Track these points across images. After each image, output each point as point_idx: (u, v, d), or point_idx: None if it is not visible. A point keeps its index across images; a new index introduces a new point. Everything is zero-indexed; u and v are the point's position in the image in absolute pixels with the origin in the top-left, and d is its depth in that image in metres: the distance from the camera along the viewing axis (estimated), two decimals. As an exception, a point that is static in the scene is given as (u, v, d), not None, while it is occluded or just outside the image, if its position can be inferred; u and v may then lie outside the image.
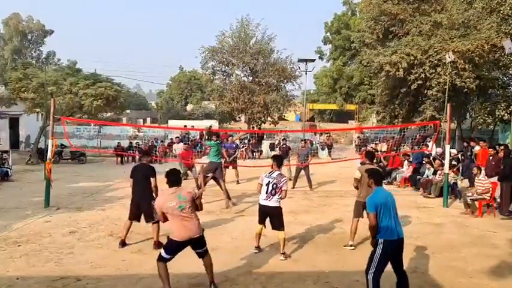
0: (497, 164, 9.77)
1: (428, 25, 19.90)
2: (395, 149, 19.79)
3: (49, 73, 21.61)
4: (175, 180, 5.01)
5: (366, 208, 4.71)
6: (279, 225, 6.21)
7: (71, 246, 6.77)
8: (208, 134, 11.30)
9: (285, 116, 34.38)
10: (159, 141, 23.53)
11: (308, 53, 70.59)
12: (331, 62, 48.07)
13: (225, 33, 27.24)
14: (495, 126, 21.67)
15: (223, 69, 28.20)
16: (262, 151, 23.70)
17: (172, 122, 34.33)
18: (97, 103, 20.31)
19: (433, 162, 12.31)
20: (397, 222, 4.56)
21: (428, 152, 13.68)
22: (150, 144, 21.98)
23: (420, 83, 19.42)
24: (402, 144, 20.91)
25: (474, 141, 13.22)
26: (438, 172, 11.67)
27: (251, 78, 27.63)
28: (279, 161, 6.46)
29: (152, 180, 6.71)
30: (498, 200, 9.39)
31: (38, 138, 19.76)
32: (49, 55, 50.87)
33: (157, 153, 20.91)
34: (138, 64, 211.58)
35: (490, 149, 10.98)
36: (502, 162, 9.46)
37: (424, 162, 13.10)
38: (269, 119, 27.88)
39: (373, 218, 4.46)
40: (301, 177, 12.86)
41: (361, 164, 7.42)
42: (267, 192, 6.15)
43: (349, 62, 45.52)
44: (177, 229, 4.81)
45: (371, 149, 14.74)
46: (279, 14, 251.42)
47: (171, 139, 23.61)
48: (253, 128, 28.32)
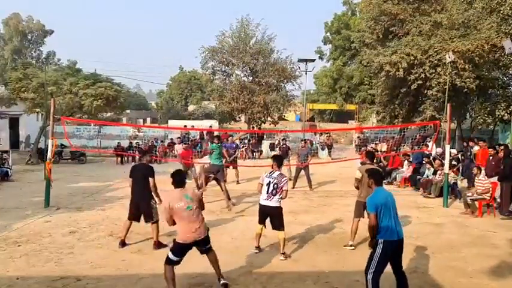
0: (497, 164, 9.77)
1: (428, 25, 19.91)
2: (395, 149, 19.80)
3: (49, 73, 21.61)
4: (180, 180, 5.03)
5: (366, 208, 4.71)
6: (279, 225, 6.21)
7: (71, 246, 6.77)
8: (212, 137, 11.37)
9: (285, 116, 34.37)
10: (159, 141, 23.55)
11: (308, 53, 70.76)
12: (331, 62, 48.09)
13: (225, 33, 27.28)
14: (495, 126, 21.68)
15: (223, 69, 28.22)
16: (262, 151, 23.71)
17: (172, 122, 34.34)
18: (97, 103, 20.31)
19: (433, 162, 12.32)
20: (397, 222, 4.57)
21: (428, 152, 13.69)
22: (150, 144, 21.99)
23: (420, 83, 19.42)
24: (402, 144, 20.91)
25: (473, 142, 13.20)
26: (438, 172, 11.68)
27: (251, 78, 27.63)
28: (279, 161, 6.47)
29: (150, 180, 6.70)
30: (498, 200, 9.40)
31: (38, 138, 19.77)
32: (49, 55, 50.87)
33: (157, 153, 20.93)
34: (138, 64, 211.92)
35: (490, 149, 10.97)
36: (502, 162, 9.46)
37: (424, 162, 13.11)
38: (269, 119, 27.88)
39: (373, 218, 4.47)
40: (301, 177, 12.86)
41: (361, 164, 7.42)
42: (268, 192, 6.14)
43: (349, 62, 45.53)
44: (184, 231, 4.80)
45: (371, 149, 14.74)
46: (279, 14, 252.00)
47: (171, 139, 23.64)
48: (253, 128, 28.32)
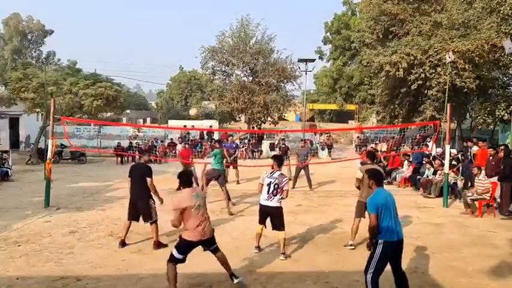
0: (497, 164, 9.76)
1: (428, 25, 19.90)
2: (395, 149, 19.81)
3: (49, 73, 21.62)
4: (187, 180, 5.08)
5: (367, 209, 4.70)
6: (279, 226, 6.22)
7: (71, 246, 6.77)
8: (213, 142, 11.40)
9: (285, 116, 34.37)
10: (159, 141, 23.54)
11: (308, 53, 70.80)
12: (331, 62, 48.10)
13: (225, 33, 27.30)
14: (495, 126, 21.66)
15: (223, 69, 28.23)
16: (262, 151, 23.71)
17: (172, 122, 34.29)
18: (97, 103, 20.32)
19: (433, 162, 12.32)
20: (397, 222, 4.56)
21: (428, 152, 13.68)
22: (150, 144, 21.99)
23: (420, 83, 19.41)
24: (402, 144, 20.92)
25: (472, 141, 13.15)
26: (438, 172, 11.68)
27: (251, 78, 27.64)
28: (279, 161, 6.47)
29: (148, 180, 6.67)
30: (498, 200, 9.40)
31: (38, 138, 19.76)
32: (49, 55, 50.86)
33: (157, 153, 20.94)
34: (138, 64, 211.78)
35: (490, 149, 10.96)
36: (502, 162, 9.46)
37: (424, 162, 13.11)
38: (269, 119, 27.89)
39: (374, 219, 4.45)
40: (301, 177, 12.87)
41: (362, 164, 7.42)
42: (269, 192, 6.14)
43: (349, 62, 45.54)
44: (192, 229, 4.85)
45: (371, 148, 14.74)
46: (279, 14, 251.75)
47: (171, 139, 23.65)
48: (253, 128, 28.33)
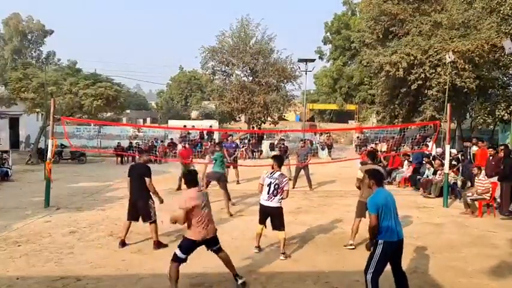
0: (497, 164, 9.76)
1: (428, 25, 19.90)
2: (395, 149, 19.81)
3: (49, 73, 21.62)
4: (193, 180, 5.12)
5: (367, 209, 4.69)
6: (279, 226, 6.22)
7: (71, 246, 6.77)
8: (214, 145, 11.42)
9: (285, 116, 34.36)
10: (159, 141, 23.53)
11: (308, 53, 70.84)
12: (331, 62, 48.10)
13: (225, 33, 27.31)
14: (495, 126, 21.68)
15: (223, 69, 28.24)
16: (262, 151, 23.71)
17: (172, 122, 34.29)
18: (97, 103, 20.32)
19: (433, 162, 12.32)
20: (397, 222, 4.55)
21: (428, 152, 13.68)
22: (150, 144, 21.99)
23: (420, 83, 19.41)
24: (402, 144, 20.91)
25: (470, 141, 13.13)
26: (438, 172, 11.68)
27: (251, 78, 27.64)
28: (279, 161, 6.46)
29: (147, 179, 6.65)
30: (498, 200, 9.40)
31: (38, 138, 19.76)
32: (49, 55, 50.86)
33: (157, 153, 20.94)
34: (138, 64, 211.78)
35: (489, 149, 10.96)
36: (502, 162, 9.46)
37: (424, 162, 13.11)
38: (269, 119, 27.89)
39: (374, 219, 4.44)
40: (301, 177, 12.86)
41: (362, 164, 7.41)
42: (269, 192, 6.14)
43: (349, 62, 45.53)
44: (196, 228, 4.88)
45: (371, 148, 14.75)
46: (279, 14, 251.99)
47: (171, 139, 23.65)
48: (253, 128, 28.33)
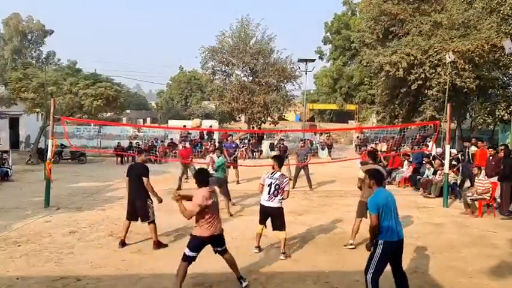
0: (497, 164, 9.76)
1: (428, 25, 19.91)
2: (395, 149, 19.80)
3: (49, 73, 21.60)
4: (204, 179, 5.14)
5: (368, 209, 4.68)
6: (280, 226, 6.22)
7: (71, 246, 6.77)
8: (215, 149, 11.35)
9: (285, 116, 34.36)
10: (159, 141, 23.53)
11: (308, 53, 70.83)
12: (331, 62, 48.09)
13: (225, 33, 27.33)
14: (495, 126, 21.68)
15: (223, 69, 28.24)
16: (262, 151, 23.72)
17: (172, 122, 34.28)
18: (97, 103, 20.32)
19: (433, 162, 12.31)
20: (397, 222, 4.54)
21: (428, 152, 13.68)
22: (150, 144, 21.99)
23: (420, 83, 19.42)
24: (402, 144, 20.91)
25: (469, 142, 13.11)
26: (438, 172, 11.68)
27: (251, 78, 27.65)
28: (280, 161, 6.45)
29: (144, 179, 6.64)
30: (498, 200, 9.40)
31: (38, 138, 19.76)
32: (49, 55, 50.83)
33: (157, 153, 20.94)
34: (138, 64, 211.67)
35: (489, 149, 10.96)
36: (502, 162, 9.46)
37: (424, 162, 13.10)
38: (269, 119, 27.90)
39: (375, 219, 4.43)
40: (301, 177, 12.86)
41: (362, 164, 7.40)
42: (269, 193, 6.14)
43: (349, 62, 45.53)
44: (205, 226, 4.93)
45: (371, 148, 14.75)
46: (279, 14, 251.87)
47: (171, 139, 23.64)
48: (253, 128, 28.33)
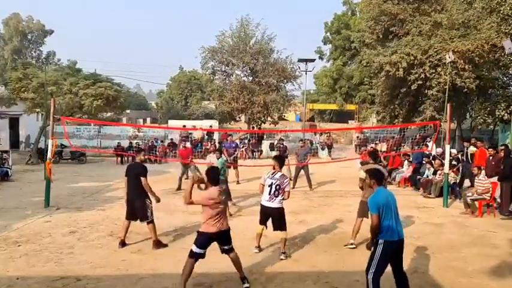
0: (497, 164, 9.77)
1: (428, 25, 19.91)
2: (395, 149, 19.81)
3: (49, 73, 21.61)
4: (215, 177, 5.20)
5: (369, 209, 4.66)
6: (281, 226, 6.23)
7: (71, 246, 6.76)
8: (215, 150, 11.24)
9: (285, 116, 34.35)
10: (159, 141, 23.53)
11: (308, 53, 70.82)
12: (331, 62, 48.07)
13: (225, 33, 27.32)
14: (495, 126, 21.68)
15: (223, 69, 28.24)
16: (262, 151, 23.71)
17: (172, 122, 34.26)
18: (97, 103, 20.33)
19: (433, 162, 12.31)
20: (398, 222, 4.54)
21: (428, 152, 13.67)
22: (150, 144, 21.99)
23: (420, 83, 19.42)
24: (402, 144, 20.91)
25: (468, 142, 13.11)
26: (438, 172, 11.68)
27: (251, 78, 27.65)
28: (281, 162, 6.44)
29: (142, 179, 6.63)
30: (498, 200, 9.40)
31: (38, 138, 19.75)
32: (49, 55, 50.78)
33: (157, 153, 20.94)
34: (138, 64, 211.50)
35: (489, 148, 10.96)
36: (502, 162, 9.46)
37: (424, 162, 13.10)
38: (269, 119, 27.89)
39: (375, 219, 4.42)
40: (301, 177, 12.86)
41: (362, 164, 7.40)
42: (270, 193, 6.13)
43: (349, 62, 45.52)
44: (211, 222, 4.99)
45: (371, 148, 14.75)
46: (279, 14, 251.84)
47: (171, 139, 23.64)
48: (253, 128, 28.32)
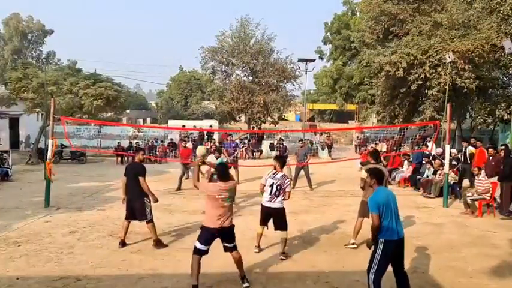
0: (497, 164, 9.76)
1: (429, 25, 19.89)
2: (395, 149, 19.81)
3: (49, 73, 21.61)
4: (224, 173, 5.22)
5: (369, 209, 4.64)
6: (282, 226, 6.23)
7: (71, 246, 6.76)
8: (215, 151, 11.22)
9: (285, 116, 34.35)
10: (159, 141, 23.53)
11: (308, 53, 70.78)
12: (331, 62, 48.07)
13: (225, 33, 27.34)
14: (495, 126, 21.67)
15: (223, 69, 28.24)
16: (262, 151, 23.72)
17: (172, 122, 34.26)
18: (97, 103, 20.34)
19: (433, 162, 12.31)
20: (398, 221, 4.53)
21: (428, 152, 13.67)
22: (150, 144, 21.99)
23: (420, 83, 19.41)
24: (402, 144, 20.92)
25: (467, 142, 13.10)
26: (438, 172, 11.68)
27: (251, 78, 27.66)
28: (282, 162, 6.43)
29: (140, 178, 6.62)
30: (498, 200, 9.40)
31: (38, 138, 19.75)
32: (49, 55, 50.80)
33: (157, 153, 20.93)
34: (138, 64, 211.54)
35: (489, 149, 10.95)
36: (502, 162, 9.46)
37: (424, 162, 13.10)
38: (269, 119, 27.89)
39: (376, 219, 4.40)
40: (301, 177, 12.85)
41: (362, 164, 7.40)
42: (271, 193, 6.13)
43: (349, 62, 45.50)
44: (213, 215, 4.98)
45: (371, 148, 14.75)
46: (279, 14, 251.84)
47: (171, 139, 23.64)
48: (253, 128, 28.33)
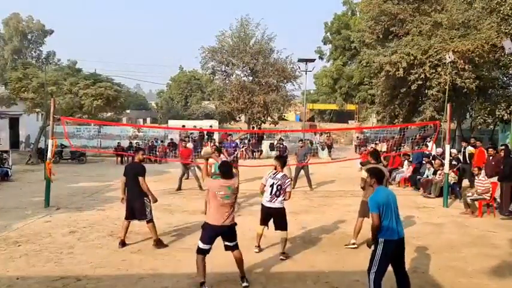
0: (497, 164, 9.76)
1: (429, 25, 19.89)
2: (395, 149, 19.81)
3: (49, 73, 21.61)
4: (227, 172, 5.21)
5: (369, 209, 4.64)
6: (282, 226, 6.23)
7: (71, 246, 6.76)
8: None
9: (285, 116, 34.35)
10: (159, 141, 23.54)
11: (308, 53, 70.78)
12: (331, 62, 48.07)
13: (225, 33, 27.34)
14: (495, 126, 21.67)
15: (223, 69, 28.24)
16: (262, 151, 23.72)
17: (172, 122, 34.27)
18: (97, 103, 20.35)
19: (433, 162, 12.31)
20: (398, 221, 4.52)
21: (428, 152, 13.67)
22: (150, 144, 21.99)
23: (420, 83, 19.40)
24: (402, 144, 20.91)
25: (466, 142, 13.10)
26: (438, 172, 11.68)
27: (251, 78, 27.66)
28: (283, 162, 6.43)
29: (140, 178, 6.62)
30: (498, 200, 9.40)
31: (38, 138, 19.75)
32: (49, 55, 50.79)
33: (157, 153, 20.94)
34: (138, 64, 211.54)
35: (490, 148, 10.96)
36: (502, 162, 9.46)
37: (424, 162, 13.10)
38: (269, 119, 27.89)
39: (376, 218, 4.40)
40: (301, 177, 12.85)
41: (363, 165, 7.40)
42: (271, 193, 6.13)
43: (349, 62, 45.50)
44: (214, 212, 5.02)
45: (371, 148, 14.76)
46: (279, 14, 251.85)
47: (171, 139, 23.65)
48: (253, 128, 28.33)
